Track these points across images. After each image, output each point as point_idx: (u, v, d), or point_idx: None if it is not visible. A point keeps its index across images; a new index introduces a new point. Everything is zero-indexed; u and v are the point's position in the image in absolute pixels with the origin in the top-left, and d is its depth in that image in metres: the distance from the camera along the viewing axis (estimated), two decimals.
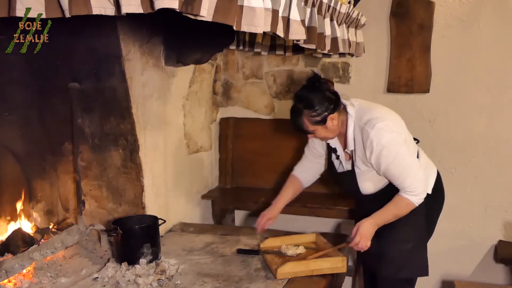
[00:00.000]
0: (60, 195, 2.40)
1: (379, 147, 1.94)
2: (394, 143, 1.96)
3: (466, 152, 2.85)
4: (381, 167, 1.99)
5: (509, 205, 2.81)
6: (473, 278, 2.90)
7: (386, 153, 1.95)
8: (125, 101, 2.19)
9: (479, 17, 2.71)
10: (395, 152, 1.96)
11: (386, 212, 2.01)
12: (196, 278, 1.96)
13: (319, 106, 1.97)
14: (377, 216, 2.01)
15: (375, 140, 1.94)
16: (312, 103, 1.96)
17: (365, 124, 1.98)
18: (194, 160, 2.93)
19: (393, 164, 1.96)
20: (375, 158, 1.97)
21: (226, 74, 3.29)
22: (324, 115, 1.98)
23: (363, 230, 1.98)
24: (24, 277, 1.89)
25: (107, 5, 1.21)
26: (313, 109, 1.97)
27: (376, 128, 1.94)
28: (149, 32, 2.28)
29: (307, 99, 1.98)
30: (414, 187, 1.97)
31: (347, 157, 2.16)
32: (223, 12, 1.26)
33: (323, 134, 2.05)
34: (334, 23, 2.07)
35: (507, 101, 2.74)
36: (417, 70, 2.84)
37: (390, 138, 1.96)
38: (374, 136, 1.94)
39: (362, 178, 2.11)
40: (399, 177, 1.98)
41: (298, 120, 2.01)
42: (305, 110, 1.98)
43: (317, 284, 1.95)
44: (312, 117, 1.98)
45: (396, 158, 1.96)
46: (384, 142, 1.94)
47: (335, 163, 2.23)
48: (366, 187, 2.14)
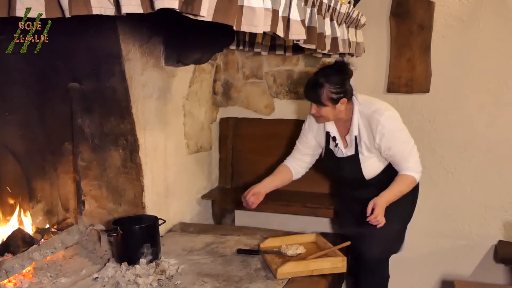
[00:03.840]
0: (60, 195, 2.40)
1: (392, 131, 2.18)
2: (402, 128, 2.24)
3: (466, 152, 2.85)
4: (391, 149, 2.20)
5: (509, 205, 2.81)
6: (473, 278, 2.90)
7: (398, 136, 2.20)
8: (125, 101, 2.19)
9: (479, 17, 2.71)
10: (403, 136, 2.22)
11: (394, 190, 2.20)
12: (196, 278, 1.96)
13: (339, 86, 2.16)
14: (386, 194, 2.18)
15: (386, 125, 2.17)
16: (335, 81, 2.16)
17: (373, 112, 2.20)
18: (194, 160, 2.93)
19: (401, 146, 2.21)
20: (386, 142, 2.18)
21: (226, 74, 3.29)
22: (339, 96, 2.17)
23: (380, 206, 2.14)
24: (24, 277, 1.89)
25: (107, 5, 1.21)
26: (335, 86, 2.15)
27: (385, 115, 2.18)
28: (149, 32, 2.28)
29: (331, 76, 2.16)
30: (417, 166, 2.24)
31: (345, 144, 2.33)
32: (223, 12, 1.26)
33: (328, 112, 2.21)
34: (334, 23, 2.08)
35: (507, 101, 2.74)
36: (417, 70, 2.84)
37: (398, 124, 2.23)
38: (385, 122, 2.17)
39: (366, 163, 2.29)
40: (406, 157, 2.21)
41: (316, 89, 2.16)
42: (326, 84, 2.15)
43: (317, 284, 1.95)
44: (330, 92, 2.15)
45: (404, 141, 2.22)
46: (395, 127, 2.20)
47: (334, 151, 2.38)
48: (368, 171, 2.31)
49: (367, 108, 2.23)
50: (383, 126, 2.16)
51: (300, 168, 2.50)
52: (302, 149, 2.47)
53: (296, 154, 2.49)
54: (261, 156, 3.13)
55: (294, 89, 3.15)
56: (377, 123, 2.17)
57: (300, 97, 3.12)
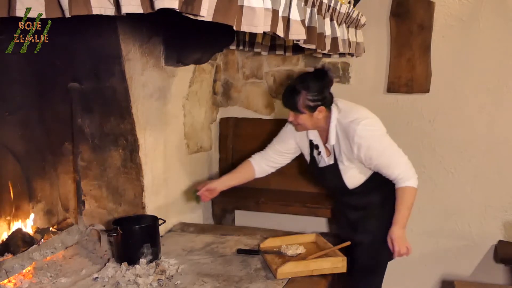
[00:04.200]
0: (60, 195, 2.40)
1: (368, 142, 2.08)
2: (380, 136, 2.13)
3: (466, 152, 2.85)
4: (372, 160, 2.11)
5: (509, 205, 2.81)
6: (473, 278, 2.90)
7: (376, 146, 2.09)
8: (125, 101, 2.19)
9: (479, 17, 2.71)
10: (382, 145, 2.12)
11: (402, 210, 2.11)
12: (196, 278, 1.96)
13: (316, 93, 2.09)
14: (398, 219, 2.11)
15: (363, 136, 2.07)
16: (313, 88, 2.09)
17: (350, 122, 2.11)
18: (194, 160, 2.93)
19: (383, 156, 2.11)
20: (364, 152, 2.09)
21: (226, 74, 3.29)
22: (317, 104, 2.10)
23: (397, 239, 2.09)
24: (24, 277, 1.90)
25: (107, 5, 1.21)
26: (312, 94, 2.09)
27: (361, 124, 2.08)
28: (149, 32, 2.28)
29: (309, 83, 2.10)
30: (406, 173, 2.10)
31: (328, 153, 2.27)
32: (223, 12, 1.26)
33: (305, 120, 2.15)
34: (334, 23, 2.07)
35: (507, 101, 2.74)
36: (417, 70, 2.84)
37: (375, 132, 2.12)
38: (360, 132, 2.07)
39: (348, 173, 2.22)
40: (389, 166, 2.11)
41: (294, 96, 2.10)
42: (303, 90, 2.09)
43: (317, 284, 1.95)
44: (307, 100, 2.09)
45: (385, 149, 2.11)
46: (371, 136, 2.09)
47: (317, 159, 2.33)
48: (350, 181, 2.25)
49: (345, 117, 2.14)
50: (359, 136, 2.07)
51: (268, 167, 2.43)
52: (280, 149, 2.40)
53: (271, 153, 2.41)
54: None
55: None
56: (354, 133, 2.08)
57: None
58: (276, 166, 2.45)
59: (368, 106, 2.93)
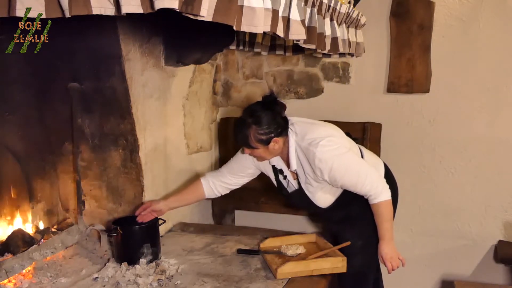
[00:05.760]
0: (60, 195, 2.40)
1: (329, 164, 1.98)
2: (341, 155, 2.01)
3: (466, 152, 2.85)
4: (337, 181, 2.03)
5: (509, 205, 2.81)
6: (473, 278, 2.90)
7: (337, 167, 1.99)
8: (125, 101, 2.19)
9: (479, 17, 2.71)
10: (345, 164, 2.01)
11: (383, 225, 2.06)
12: (196, 278, 1.96)
13: (267, 126, 1.97)
14: (382, 234, 2.07)
15: (323, 159, 1.97)
16: (262, 121, 1.97)
17: (309, 145, 2.00)
18: (194, 160, 2.93)
19: (347, 175, 2.01)
20: (328, 174, 2.01)
21: (226, 74, 3.29)
22: (270, 136, 1.98)
23: (386, 255, 2.07)
24: (24, 277, 1.90)
25: (107, 5, 1.21)
26: (261, 127, 1.97)
27: (320, 146, 1.98)
28: (149, 32, 2.28)
29: (258, 116, 1.98)
30: (375, 188, 2.01)
31: (294, 176, 2.18)
32: (223, 12, 1.26)
33: (262, 153, 2.05)
34: (334, 23, 2.07)
35: (507, 101, 2.74)
36: (417, 70, 2.84)
37: (335, 152, 2.00)
38: (320, 154, 1.97)
39: (317, 194, 2.15)
40: (357, 185, 2.02)
41: (243, 132, 1.99)
42: (253, 125, 1.97)
43: (317, 284, 1.95)
44: (258, 134, 1.98)
45: (348, 168, 2.01)
46: (331, 157, 1.98)
47: (284, 183, 2.23)
48: (323, 201, 2.18)
49: (302, 139, 2.03)
50: (319, 160, 1.97)
51: (220, 188, 2.27)
52: (236, 169, 2.25)
53: (226, 172, 2.26)
54: None
55: (294, 89, 3.15)
56: (313, 156, 1.98)
57: (300, 97, 3.12)
58: (229, 187, 2.30)
59: (368, 106, 2.96)
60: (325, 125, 2.16)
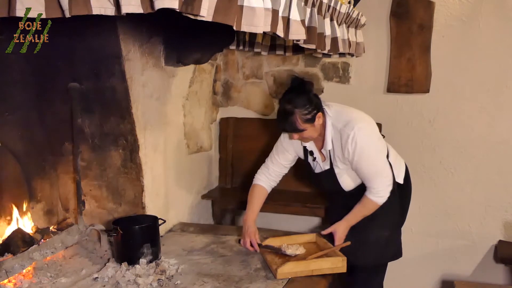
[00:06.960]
0: (60, 195, 2.40)
1: (359, 148, 2.07)
2: (372, 144, 2.13)
3: (466, 152, 2.85)
4: (357, 165, 2.13)
5: (509, 205, 2.81)
6: (473, 278, 2.90)
7: (366, 153, 2.09)
8: (125, 101, 2.19)
9: (479, 17, 2.71)
10: (372, 154, 2.12)
11: (356, 214, 2.19)
12: (196, 278, 1.96)
13: (308, 105, 2.06)
14: (349, 218, 2.20)
15: (354, 141, 2.06)
16: (302, 103, 2.05)
17: (344, 126, 2.10)
18: (194, 160, 2.93)
19: (368, 165, 2.12)
20: (353, 156, 2.10)
21: (226, 74, 3.29)
22: (314, 113, 2.07)
23: (340, 233, 2.19)
24: (24, 277, 1.89)
25: (107, 5, 1.21)
26: (305, 107, 2.05)
27: (356, 128, 2.07)
28: (149, 32, 2.28)
29: (296, 101, 2.06)
30: (380, 190, 2.13)
31: (323, 158, 2.26)
32: (223, 12, 1.26)
33: (310, 133, 2.13)
34: (334, 23, 2.08)
35: (507, 101, 2.74)
36: (417, 70, 2.84)
37: (368, 139, 2.11)
38: (353, 137, 2.06)
39: (343, 176, 2.24)
40: (370, 177, 2.13)
41: (289, 119, 2.06)
42: (296, 109, 2.04)
43: (317, 284, 1.95)
44: (303, 115, 2.05)
45: (372, 160, 2.12)
46: (363, 143, 2.08)
47: (312, 165, 2.32)
48: (347, 184, 2.27)
49: (338, 121, 2.12)
50: (351, 141, 2.07)
51: (274, 183, 2.41)
52: (282, 162, 2.36)
53: (274, 168, 2.37)
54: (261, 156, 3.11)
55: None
56: (347, 137, 2.07)
57: None
58: (279, 179, 2.43)
59: (368, 106, 2.95)
60: (361, 113, 2.22)
